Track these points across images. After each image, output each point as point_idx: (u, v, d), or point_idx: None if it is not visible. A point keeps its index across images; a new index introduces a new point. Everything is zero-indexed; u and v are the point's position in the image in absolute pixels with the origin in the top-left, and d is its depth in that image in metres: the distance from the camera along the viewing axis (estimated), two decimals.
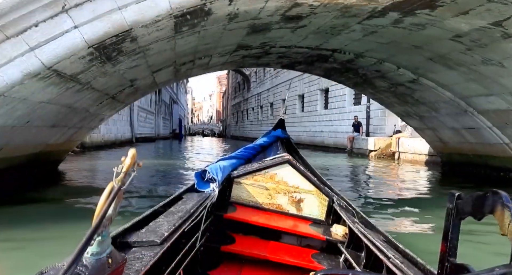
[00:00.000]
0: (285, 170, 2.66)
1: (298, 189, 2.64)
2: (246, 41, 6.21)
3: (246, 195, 2.67)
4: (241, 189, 2.67)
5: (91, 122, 7.53)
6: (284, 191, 2.65)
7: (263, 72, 35.93)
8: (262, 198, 2.65)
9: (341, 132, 19.37)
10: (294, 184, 2.65)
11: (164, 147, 23.44)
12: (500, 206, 0.90)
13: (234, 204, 2.64)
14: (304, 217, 2.62)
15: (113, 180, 1.03)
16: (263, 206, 2.64)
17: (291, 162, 2.66)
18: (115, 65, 4.68)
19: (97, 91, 5.56)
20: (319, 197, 2.63)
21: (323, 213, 2.61)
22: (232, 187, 2.67)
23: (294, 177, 2.65)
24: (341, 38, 6.14)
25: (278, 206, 2.64)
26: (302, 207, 2.63)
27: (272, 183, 2.66)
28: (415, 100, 8.07)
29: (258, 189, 2.67)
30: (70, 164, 9.71)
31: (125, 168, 1.06)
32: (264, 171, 2.67)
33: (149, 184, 6.73)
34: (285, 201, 2.64)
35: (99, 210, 1.00)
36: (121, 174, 1.04)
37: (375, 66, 7.35)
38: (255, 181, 2.67)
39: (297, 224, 2.53)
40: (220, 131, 70.51)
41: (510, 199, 0.91)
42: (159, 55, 5.38)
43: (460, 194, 1.08)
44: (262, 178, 2.67)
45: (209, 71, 8.97)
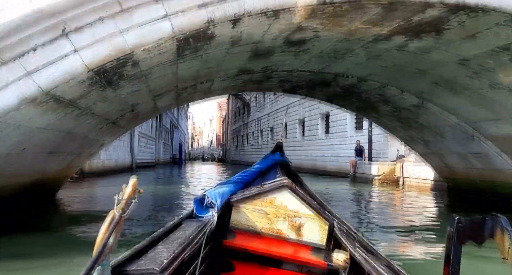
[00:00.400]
0: (284, 194, 2.63)
1: (298, 214, 2.60)
2: (248, 65, 6.15)
3: (246, 220, 2.64)
4: (240, 214, 2.65)
5: (90, 148, 7.39)
6: (284, 216, 2.61)
7: (263, 97, 36.12)
8: (262, 223, 2.62)
9: (343, 157, 19.18)
10: (294, 208, 2.61)
11: (164, 173, 23.17)
12: (499, 230, 0.90)
13: (234, 230, 2.61)
14: (304, 243, 2.57)
15: (114, 208, 1.01)
16: (263, 231, 2.60)
17: (290, 187, 2.63)
18: (116, 89, 4.58)
19: (97, 116, 5.44)
20: (320, 222, 2.59)
21: (324, 238, 2.57)
22: (231, 212, 2.64)
23: (293, 202, 2.61)
24: (344, 62, 6.08)
25: (278, 231, 2.61)
26: (302, 232, 2.59)
27: (272, 208, 2.63)
28: (419, 124, 7.95)
29: (257, 214, 2.64)
30: (69, 192, 9.49)
31: (126, 196, 1.05)
32: (264, 196, 2.63)
33: (148, 212, 6.53)
34: (285, 226, 2.60)
35: (100, 239, 0.98)
36: (122, 202, 1.04)
37: (378, 90, 7.27)
38: (254, 206, 2.64)
39: (297, 250, 2.49)
40: (220, 156, 70.26)
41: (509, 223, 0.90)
42: (160, 80, 5.30)
43: (460, 218, 1.08)
44: (262, 202, 2.64)
45: (210, 96, 8.91)
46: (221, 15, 3.44)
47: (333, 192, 11.33)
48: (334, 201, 9.14)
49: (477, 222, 1.01)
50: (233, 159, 48.66)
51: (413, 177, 12.14)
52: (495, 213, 0.95)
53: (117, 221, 1.02)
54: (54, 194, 7.71)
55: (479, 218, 1.01)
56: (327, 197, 9.66)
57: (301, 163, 24.49)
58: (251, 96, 41.23)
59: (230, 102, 58.37)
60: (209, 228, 2.20)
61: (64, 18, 3.15)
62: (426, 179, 11.35)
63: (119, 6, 3.24)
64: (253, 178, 3.41)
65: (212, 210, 2.41)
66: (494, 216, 0.94)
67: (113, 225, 1.01)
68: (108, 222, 1.02)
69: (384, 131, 15.72)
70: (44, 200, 6.97)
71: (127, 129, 8.48)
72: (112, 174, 17.98)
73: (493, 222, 0.94)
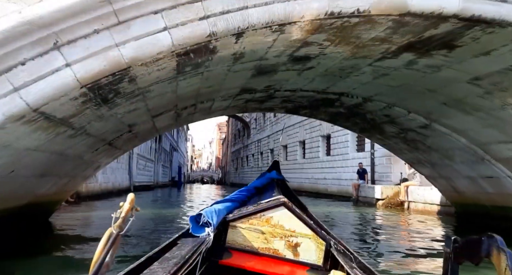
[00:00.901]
0: (281, 213, 2.60)
1: (295, 233, 2.58)
2: (250, 84, 5.95)
3: (242, 239, 2.61)
4: (236, 233, 2.62)
5: (86, 170, 7.09)
6: (281, 235, 2.59)
7: (263, 119, 36.06)
8: (258, 242, 2.59)
9: (345, 180, 18.83)
10: (291, 227, 2.59)
11: (163, 196, 22.79)
12: (495, 250, 0.89)
13: (230, 249, 2.58)
14: (301, 263, 2.55)
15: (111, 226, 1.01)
16: (259, 251, 2.58)
17: (287, 205, 2.60)
18: (112, 108, 4.34)
19: (92, 136, 5.18)
20: (316, 241, 2.57)
21: (321, 258, 2.54)
22: (228, 231, 2.62)
23: (290, 221, 2.59)
24: (350, 81, 5.89)
25: (274, 251, 2.58)
26: (299, 252, 2.57)
27: (268, 227, 2.60)
28: (427, 146, 7.69)
29: (254, 233, 2.61)
30: (63, 215, 9.13)
31: (124, 213, 1.06)
32: (260, 214, 2.61)
33: (146, 234, 6.24)
34: (281, 245, 2.58)
35: (97, 257, 0.98)
36: (119, 220, 1.04)
37: (384, 111, 7.05)
38: (251, 225, 2.62)
39: (294, 271, 2.48)
40: (219, 178, 69.72)
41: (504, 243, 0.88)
42: (160, 98, 5.08)
43: (457, 238, 1.07)
44: (258, 221, 2.61)
45: (211, 116, 8.69)
46: (223, 28, 3.23)
47: (336, 216, 10.95)
48: (338, 225, 8.76)
49: (473, 242, 0.99)
50: (232, 181, 48.15)
51: (418, 201, 11.78)
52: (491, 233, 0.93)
53: (115, 238, 1.01)
54: (47, 218, 7.37)
55: (475, 238, 0.99)
56: (330, 221, 9.29)
57: (302, 185, 24.13)
58: (251, 118, 41.21)
59: (230, 124, 58.37)
60: (205, 248, 2.17)
61: (56, 30, 2.94)
62: (432, 203, 11.00)
63: (116, 18, 3.03)
64: (250, 196, 3.38)
65: (208, 229, 2.38)
66: (490, 236, 0.93)
67: (110, 242, 1.00)
68: (105, 240, 1.01)
69: (387, 153, 15.50)
70: (36, 225, 6.63)
71: (124, 151, 8.21)
72: (110, 197, 17.59)
73: (489, 242, 0.93)
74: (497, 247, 0.91)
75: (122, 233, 1.05)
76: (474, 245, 1.00)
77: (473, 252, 1.00)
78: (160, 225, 8.17)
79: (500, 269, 0.87)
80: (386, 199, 13.56)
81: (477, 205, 7.91)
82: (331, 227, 7.92)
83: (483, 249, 0.95)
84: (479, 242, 0.97)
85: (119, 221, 1.04)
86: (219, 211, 2.53)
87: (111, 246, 1.01)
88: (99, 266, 0.96)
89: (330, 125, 20.59)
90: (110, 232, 1.03)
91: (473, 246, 1.00)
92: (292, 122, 26.68)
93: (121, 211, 1.07)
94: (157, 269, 1.66)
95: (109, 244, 1.01)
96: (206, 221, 2.40)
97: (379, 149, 15.98)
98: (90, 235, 6.34)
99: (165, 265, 1.73)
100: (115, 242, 1.02)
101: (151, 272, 1.60)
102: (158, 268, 1.66)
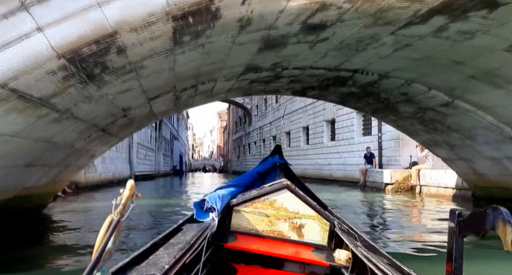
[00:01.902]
0: (284, 195, 2.63)
1: (299, 215, 2.61)
2: (256, 60, 5.37)
3: (246, 223, 2.65)
4: (241, 217, 2.65)
5: (79, 159, 6.56)
6: (285, 217, 2.62)
7: (264, 105, 35.47)
8: (263, 225, 2.63)
9: (350, 165, 18.35)
10: (294, 209, 2.62)
11: (165, 185, 22.45)
12: (501, 222, 0.89)
13: (235, 233, 2.62)
14: (306, 243, 2.59)
15: (112, 213, 1.04)
16: (264, 233, 2.62)
17: (290, 188, 2.63)
18: (101, 87, 3.78)
19: (82, 121, 4.63)
20: (320, 222, 2.60)
21: (325, 238, 2.58)
22: (232, 216, 2.64)
23: (294, 203, 2.62)
24: (366, 55, 5.30)
25: (279, 233, 2.61)
26: (303, 233, 2.60)
27: (272, 210, 2.63)
28: (446, 127, 7.13)
29: (258, 217, 2.64)
30: (60, 208, 8.66)
31: (124, 200, 1.09)
32: (264, 198, 2.64)
33: (148, 225, 5.78)
34: (286, 227, 2.61)
35: (99, 244, 1.00)
36: (120, 206, 1.07)
37: (401, 89, 6.48)
38: (255, 209, 2.65)
39: (299, 251, 2.50)
40: (221, 167, 69.46)
41: (510, 215, 0.88)
42: (156, 77, 4.51)
43: (461, 212, 1.09)
44: (262, 205, 2.64)
45: (213, 99, 8.12)
46: None
47: (346, 202, 10.46)
48: (346, 213, 8.27)
49: (478, 215, 0.98)
50: (235, 170, 47.78)
51: (431, 185, 11.28)
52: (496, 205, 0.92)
53: (115, 225, 1.02)
54: (39, 212, 6.87)
55: (480, 211, 0.98)
56: (339, 209, 8.80)
57: (306, 171, 23.69)
58: (252, 105, 40.61)
59: (231, 112, 57.70)
60: (210, 232, 2.18)
61: None
62: (447, 187, 10.50)
63: None
64: (253, 181, 3.39)
65: (213, 214, 2.39)
66: (495, 208, 0.92)
67: (111, 229, 1.01)
68: (106, 226, 1.02)
69: (396, 136, 14.96)
70: (27, 220, 6.14)
71: (120, 138, 7.67)
72: (110, 187, 17.17)
73: (494, 214, 0.92)
74: (503, 219, 0.89)
75: (122, 220, 1.04)
76: (479, 218, 0.99)
77: (478, 225, 0.99)
78: (160, 217, 7.69)
79: (506, 240, 0.87)
80: (396, 184, 13.06)
81: (501, 188, 7.39)
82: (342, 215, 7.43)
83: (488, 221, 0.93)
84: (484, 215, 0.95)
85: (120, 208, 1.04)
86: (222, 196, 2.52)
87: (112, 232, 1.00)
88: (101, 252, 0.95)
89: (335, 110, 20.01)
90: (111, 219, 1.02)
91: (478, 219, 0.99)
92: (295, 108, 26.10)
93: (121, 198, 1.07)
94: (162, 254, 1.64)
95: (110, 231, 1.00)
96: (210, 206, 2.40)
97: (387, 133, 15.43)
98: (89, 227, 5.87)
99: (171, 250, 1.71)
100: (116, 228, 1.01)
101: (157, 257, 1.59)
102: (164, 254, 1.65)
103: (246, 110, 42.73)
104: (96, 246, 0.98)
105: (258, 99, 37.98)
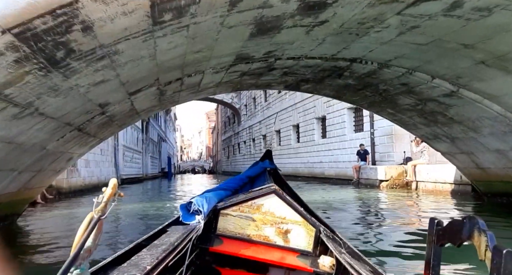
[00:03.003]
0: (271, 200, 2.62)
1: (285, 220, 2.61)
2: (247, 49, 4.87)
3: (233, 227, 2.63)
4: (227, 221, 2.64)
5: (53, 163, 5.97)
6: (271, 222, 2.61)
7: (253, 104, 35.03)
8: (249, 229, 2.62)
9: (342, 162, 17.98)
10: (281, 214, 2.62)
11: (153, 188, 21.81)
12: (477, 231, 0.92)
13: (220, 237, 2.59)
14: (291, 249, 2.58)
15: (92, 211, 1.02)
16: (250, 238, 2.60)
17: (278, 193, 2.63)
18: (68, 76, 3.23)
19: (51, 118, 4.07)
20: (306, 227, 2.59)
21: (311, 244, 2.58)
22: (218, 219, 2.63)
23: (281, 208, 2.62)
24: (367, 40, 4.85)
25: (265, 237, 2.61)
26: (289, 238, 2.60)
27: (259, 214, 2.63)
28: (448, 118, 6.74)
29: (244, 221, 2.63)
30: (36, 217, 8.02)
31: (106, 198, 1.06)
32: (251, 202, 2.63)
33: (134, 229, 5.22)
34: (272, 232, 2.60)
35: (78, 241, 0.98)
36: (101, 204, 1.05)
37: (402, 78, 6.05)
38: (242, 213, 2.64)
39: (284, 256, 2.49)
40: (210, 167, 68.75)
41: (486, 225, 0.92)
42: (134, 66, 3.98)
43: (440, 221, 1.12)
44: (249, 209, 2.64)
45: (201, 95, 7.60)
46: None
47: (337, 201, 10.02)
48: (342, 212, 7.82)
49: (456, 224, 1.03)
50: (224, 170, 47.19)
51: (428, 181, 10.93)
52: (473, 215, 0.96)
53: (96, 222, 1.01)
54: (11, 223, 6.25)
55: (457, 221, 1.02)
56: (333, 208, 8.36)
57: (298, 170, 23.30)
58: (241, 104, 40.13)
59: (219, 112, 57.07)
60: (195, 235, 2.18)
61: None
62: (445, 183, 10.15)
63: None
64: (241, 185, 3.38)
65: (199, 217, 2.37)
66: (471, 218, 0.96)
67: (91, 227, 1.00)
68: (86, 224, 1.01)
69: (389, 131, 14.61)
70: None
71: (101, 139, 7.08)
72: (95, 192, 16.39)
73: (470, 224, 0.95)
74: (478, 228, 0.92)
75: (103, 218, 1.03)
76: (456, 227, 1.02)
77: (455, 234, 1.02)
78: (146, 220, 7.15)
79: (481, 250, 0.89)
80: (391, 180, 12.72)
81: (506, 183, 7.04)
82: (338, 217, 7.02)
83: (465, 231, 0.96)
84: (461, 225, 0.99)
85: (101, 206, 1.03)
86: (210, 199, 2.50)
87: (91, 230, 0.99)
88: (79, 249, 0.95)
89: (325, 106, 19.63)
90: (91, 216, 1.01)
91: (455, 228, 1.02)
92: (284, 106, 25.68)
93: (103, 196, 1.05)
94: (145, 255, 1.62)
95: (90, 228, 0.99)
96: (197, 209, 2.38)
97: (380, 128, 15.09)
98: (67, 241, 5.28)
99: (154, 251, 1.69)
100: (97, 226, 1.00)
101: (139, 258, 1.57)
102: (146, 255, 1.63)
103: (234, 109, 42.18)
104: (74, 243, 0.95)
105: (247, 99, 37.51)
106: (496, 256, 0.83)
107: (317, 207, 7.94)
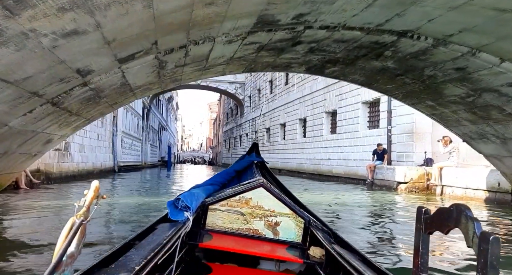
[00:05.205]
0: (260, 194, 2.62)
1: (274, 213, 2.61)
2: (274, 7, 3.71)
3: (222, 222, 2.62)
4: (216, 216, 2.62)
5: (24, 145, 4.84)
6: (260, 216, 2.61)
7: (258, 96, 33.93)
8: (238, 223, 2.61)
9: (353, 160, 16.85)
10: (270, 207, 2.61)
11: (152, 177, 20.85)
12: (464, 219, 0.94)
13: (210, 232, 2.58)
14: (281, 241, 2.59)
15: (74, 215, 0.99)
16: (240, 232, 2.60)
17: (265, 186, 2.63)
18: (14, 10, 2.09)
19: (4, 82, 2.93)
20: (295, 219, 2.60)
21: (300, 235, 2.58)
22: (207, 215, 2.62)
23: (269, 201, 2.61)
24: (432, 3, 3.69)
25: (254, 231, 2.60)
26: (278, 231, 2.60)
27: (248, 208, 2.62)
28: (506, 115, 5.57)
29: (233, 215, 2.61)
30: (14, 206, 6.95)
31: (88, 202, 1.03)
32: (239, 196, 2.63)
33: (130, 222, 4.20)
34: (261, 225, 2.60)
35: (59, 247, 0.94)
36: (83, 208, 1.02)
37: (459, 61, 4.88)
38: (230, 207, 2.62)
39: (274, 249, 2.50)
40: (210, 159, 67.76)
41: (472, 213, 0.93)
42: (122, 15, 2.82)
43: (427, 209, 1.16)
44: (237, 203, 2.62)
45: (207, 75, 6.45)
46: None
47: (347, 204, 8.89)
48: (354, 218, 6.70)
49: (443, 213, 1.04)
50: (224, 162, 46.14)
51: (456, 186, 9.78)
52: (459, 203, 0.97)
53: (78, 227, 0.97)
54: None
55: (444, 209, 1.03)
56: (340, 211, 7.23)
57: (302, 166, 22.22)
58: (244, 95, 39.05)
59: (222, 103, 55.88)
60: (184, 231, 2.15)
61: None
62: (477, 189, 8.99)
63: None
64: (229, 179, 3.43)
65: (187, 213, 2.31)
66: (458, 205, 0.97)
67: (73, 232, 0.96)
68: (67, 229, 0.97)
69: (408, 129, 13.44)
70: None
71: (87, 119, 5.93)
72: (89, 178, 15.40)
73: (457, 212, 0.97)
74: (465, 216, 0.93)
75: (85, 222, 1.00)
76: (443, 215, 1.04)
77: (442, 222, 1.04)
78: (144, 212, 6.05)
79: (468, 237, 0.90)
80: (410, 183, 11.59)
81: None
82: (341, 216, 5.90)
83: (452, 218, 0.98)
84: (448, 212, 1.00)
85: (83, 210, 1.00)
86: (197, 195, 2.49)
87: (73, 235, 0.95)
88: (61, 255, 0.90)
89: (337, 100, 18.43)
90: (72, 221, 0.97)
91: (443, 217, 1.04)
92: (291, 99, 24.53)
93: (85, 199, 1.02)
94: (133, 255, 1.59)
95: (72, 233, 0.94)
96: (185, 205, 2.33)
97: (398, 125, 13.92)
98: (43, 240, 4.17)
99: (142, 251, 1.66)
100: (79, 231, 0.96)
101: (127, 259, 1.54)
102: (134, 255, 1.60)
103: (238, 100, 41.00)
104: (56, 249, 0.91)
105: (251, 90, 36.38)
106: (483, 242, 0.84)
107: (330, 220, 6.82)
